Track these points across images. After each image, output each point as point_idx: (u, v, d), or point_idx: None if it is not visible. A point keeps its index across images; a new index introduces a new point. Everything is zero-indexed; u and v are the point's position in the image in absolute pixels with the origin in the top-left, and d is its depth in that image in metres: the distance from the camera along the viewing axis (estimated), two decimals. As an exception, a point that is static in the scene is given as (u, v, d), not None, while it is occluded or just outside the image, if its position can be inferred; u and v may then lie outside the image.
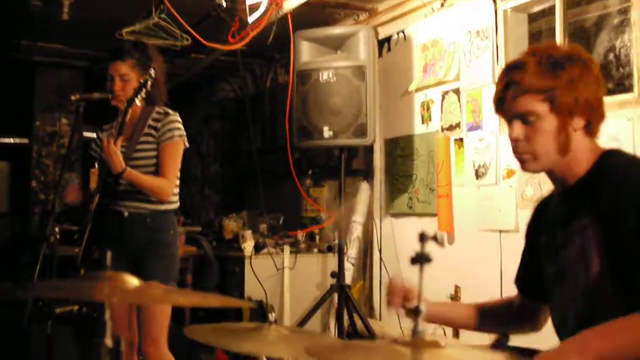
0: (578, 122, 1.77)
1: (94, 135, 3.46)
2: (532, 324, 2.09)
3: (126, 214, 3.18)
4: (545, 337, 2.04)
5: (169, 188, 3.17)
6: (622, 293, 1.67)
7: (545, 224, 1.94)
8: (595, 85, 1.78)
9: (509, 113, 1.82)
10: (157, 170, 3.18)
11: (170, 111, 3.26)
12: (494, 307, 2.14)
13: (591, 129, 1.80)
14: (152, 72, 3.04)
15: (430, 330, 2.04)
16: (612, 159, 1.79)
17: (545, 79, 1.75)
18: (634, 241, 1.62)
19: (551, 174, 1.87)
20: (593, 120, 1.79)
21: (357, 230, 4.99)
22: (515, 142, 1.82)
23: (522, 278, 2.11)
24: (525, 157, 1.81)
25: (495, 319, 2.10)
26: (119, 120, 3.12)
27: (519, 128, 1.80)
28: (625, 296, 1.66)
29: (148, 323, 3.10)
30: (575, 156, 1.79)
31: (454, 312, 2.16)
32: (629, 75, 3.27)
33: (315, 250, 5.32)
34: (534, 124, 1.77)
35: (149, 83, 3.03)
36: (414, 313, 1.27)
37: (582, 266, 1.74)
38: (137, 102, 3.04)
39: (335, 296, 4.46)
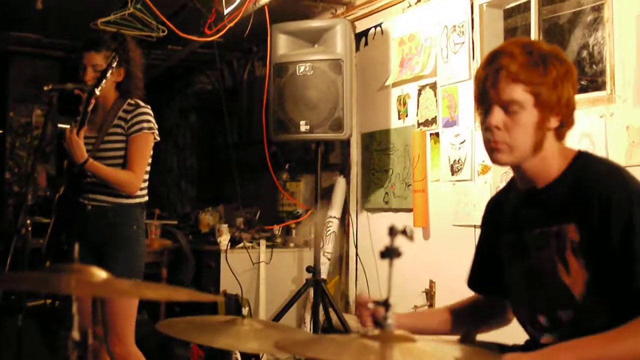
0: (553, 122, 1.78)
1: (67, 126, 3.41)
2: (501, 319, 2.10)
3: (89, 207, 3.13)
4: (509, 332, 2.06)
5: (136, 181, 3.10)
6: (603, 302, 1.68)
7: (508, 221, 1.93)
8: (573, 91, 1.79)
9: (493, 99, 1.77)
10: (125, 162, 3.13)
11: (142, 103, 3.20)
12: (462, 308, 2.14)
13: (561, 132, 1.81)
14: (113, 61, 2.96)
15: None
16: (588, 165, 1.78)
17: (535, 73, 1.74)
18: (618, 255, 1.64)
19: (519, 171, 1.85)
20: (566, 123, 1.80)
21: (333, 225, 4.99)
22: (493, 130, 1.77)
23: (478, 278, 2.12)
24: (501, 146, 1.77)
25: (467, 319, 2.10)
26: (80, 109, 3.05)
27: (500, 116, 1.76)
28: (606, 305, 1.68)
29: (113, 319, 3.04)
30: (544, 157, 1.79)
31: (423, 321, 2.14)
32: (602, 73, 3.29)
33: (292, 244, 5.31)
34: (516, 114, 1.75)
35: (109, 72, 2.95)
36: (384, 306, 1.27)
37: (559, 271, 1.74)
38: (97, 91, 2.95)
39: (311, 291, 4.45)
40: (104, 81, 2.95)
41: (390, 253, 1.24)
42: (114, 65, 2.96)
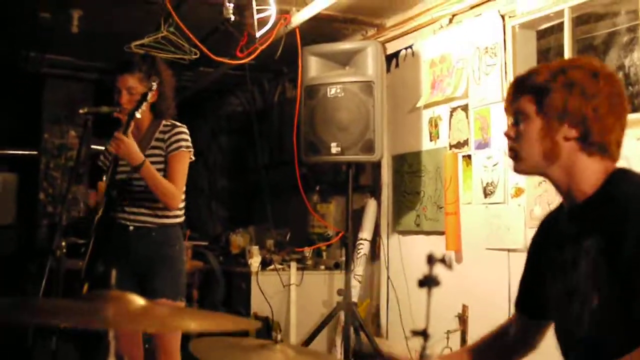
0: (570, 132, 1.73)
1: (102, 148, 3.45)
2: (531, 346, 2.05)
3: (131, 227, 3.16)
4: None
5: (179, 195, 3.14)
6: (623, 321, 1.63)
7: (553, 240, 1.90)
8: (600, 98, 1.71)
9: (508, 110, 1.86)
10: None
11: (178, 123, 3.25)
12: (487, 342, 2.08)
13: (590, 145, 1.73)
14: (153, 84, 3.01)
15: (438, 351, 2.02)
16: (621, 181, 1.74)
17: (545, 81, 1.75)
18: (631, 271, 1.59)
19: (555, 186, 1.84)
20: (590, 134, 1.72)
21: (364, 247, 4.96)
22: (507, 140, 1.86)
23: (524, 298, 2.06)
24: (511, 155, 1.85)
25: (490, 353, 2.05)
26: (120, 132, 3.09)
27: (510, 126, 1.84)
28: (626, 324, 1.63)
29: (161, 336, 3.07)
30: (575, 170, 1.75)
31: None
32: (638, 94, 3.24)
33: (322, 267, 5.29)
34: (522, 124, 1.80)
35: (149, 95, 2.99)
36: (422, 336, 1.25)
37: (589, 289, 1.71)
38: (138, 114, 2.99)
39: (342, 314, 4.43)
40: (144, 104, 2.98)
41: (428, 282, 1.22)
42: (155, 88, 3.00)
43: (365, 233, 5.00)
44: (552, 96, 1.73)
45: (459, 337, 4.12)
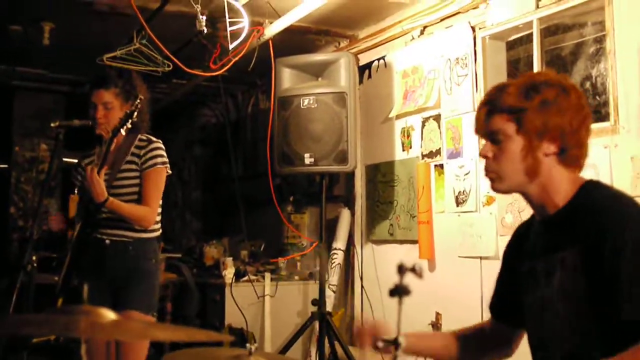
0: (549, 148, 1.76)
1: (74, 161, 3.43)
2: (506, 350, 2.07)
3: (108, 242, 3.14)
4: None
5: (151, 216, 3.15)
6: (604, 330, 1.66)
7: (527, 251, 1.92)
8: (572, 112, 1.76)
9: (481, 131, 1.85)
10: (140, 197, 3.15)
11: (153, 138, 3.25)
12: (470, 334, 2.11)
13: (566, 157, 1.78)
14: (137, 102, 3.01)
15: (412, 358, 2.03)
16: (592, 192, 1.77)
17: (519, 100, 1.76)
18: (612, 277, 1.61)
19: (529, 200, 1.86)
20: (568, 147, 1.77)
21: (338, 257, 4.97)
22: (484, 160, 1.85)
23: (497, 303, 2.09)
24: (491, 176, 1.84)
25: (473, 346, 2.08)
26: (103, 149, 3.09)
27: (488, 146, 1.83)
28: (606, 333, 1.65)
29: (125, 356, 3.05)
30: (551, 184, 1.78)
31: (434, 342, 2.12)
32: (605, 104, 3.30)
33: (297, 277, 5.29)
34: (501, 143, 1.80)
35: (135, 113, 3.00)
36: (393, 345, 1.26)
37: (564, 300, 1.73)
38: (122, 132, 3.01)
39: (317, 324, 4.42)
40: (129, 122, 2.98)
41: (399, 291, 1.23)
42: (140, 106, 2.99)
43: (339, 243, 5.01)
44: (530, 115, 1.75)
45: (433, 346, 4.15)
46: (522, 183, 1.80)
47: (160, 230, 3.30)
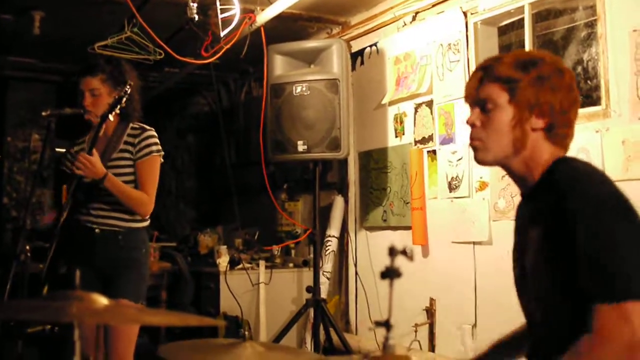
0: (537, 123, 1.76)
1: (64, 150, 3.41)
2: None
3: (98, 230, 3.13)
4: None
5: (149, 203, 3.14)
6: (568, 302, 1.66)
7: (517, 224, 1.94)
8: (564, 92, 1.76)
9: (471, 98, 1.83)
10: (135, 187, 3.14)
11: (146, 127, 3.23)
12: (501, 342, 2.09)
13: (553, 135, 1.78)
14: (127, 88, 2.99)
15: (406, 344, 2.04)
16: (561, 166, 1.76)
17: (515, 71, 1.76)
18: (573, 253, 1.59)
19: (511, 174, 1.85)
20: (555, 125, 1.77)
21: (332, 244, 4.99)
22: (470, 128, 1.83)
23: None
24: (477, 143, 1.82)
25: (505, 351, 2.06)
26: (91, 134, 3.09)
27: (476, 114, 1.81)
28: (571, 306, 1.65)
29: (115, 342, 3.05)
30: (534, 159, 1.78)
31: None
32: (597, 88, 3.31)
33: (291, 264, 5.30)
34: (491, 112, 1.78)
35: (124, 99, 2.98)
36: (385, 327, 1.27)
37: (536, 273, 1.74)
38: (111, 117, 2.98)
39: (311, 311, 4.45)
40: (117, 107, 2.96)
41: (390, 274, 1.24)
42: (129, 91, 2.97)
43: (333, 230, 5.02)
44: (524, 87, 1.75)
45: (427, 330, 4.18)
46: (507, 155, 1.79)
47: (149, 220, 3.29)
